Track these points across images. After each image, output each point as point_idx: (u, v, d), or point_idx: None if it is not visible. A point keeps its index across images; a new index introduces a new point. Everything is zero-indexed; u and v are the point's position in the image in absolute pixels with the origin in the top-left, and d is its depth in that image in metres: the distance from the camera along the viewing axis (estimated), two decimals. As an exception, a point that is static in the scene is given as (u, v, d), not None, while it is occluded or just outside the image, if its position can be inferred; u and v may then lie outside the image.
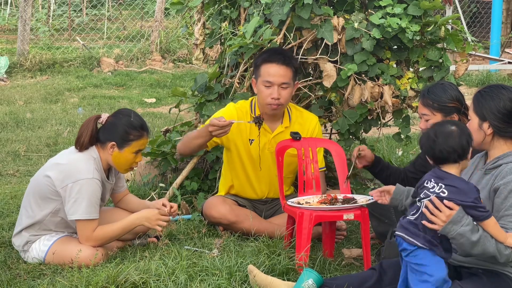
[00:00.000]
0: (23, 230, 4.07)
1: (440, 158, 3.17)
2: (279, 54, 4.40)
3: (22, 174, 6.15)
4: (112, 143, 4.05)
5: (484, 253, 3.10)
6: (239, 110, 4.53)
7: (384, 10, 4.76)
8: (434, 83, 4.13)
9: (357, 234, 4.60)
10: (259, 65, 4.40)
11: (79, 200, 3.94)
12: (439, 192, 3.11)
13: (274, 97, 4.34)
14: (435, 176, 3.17)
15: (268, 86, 4.35)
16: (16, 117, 8.17)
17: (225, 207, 4.48)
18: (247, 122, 4.44)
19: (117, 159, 4.09)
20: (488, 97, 3.33)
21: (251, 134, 4.52)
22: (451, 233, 3.06)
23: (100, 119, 4.11)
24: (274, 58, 4.35)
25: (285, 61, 4.36)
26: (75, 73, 11.29)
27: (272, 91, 4.34)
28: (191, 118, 6.25)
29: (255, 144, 4.51)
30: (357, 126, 5.00)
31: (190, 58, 12.53)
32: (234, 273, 3.61)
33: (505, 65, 11.80)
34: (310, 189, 4.25)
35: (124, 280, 3.51)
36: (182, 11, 5.39)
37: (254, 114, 4.50)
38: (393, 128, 5.73)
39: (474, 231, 3.06)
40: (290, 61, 4.40)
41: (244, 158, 4.52)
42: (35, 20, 14.61)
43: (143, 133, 4.11)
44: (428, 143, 3.19)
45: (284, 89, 4.37)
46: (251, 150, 4.52)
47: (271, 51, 4.46)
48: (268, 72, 4.34)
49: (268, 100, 4.36)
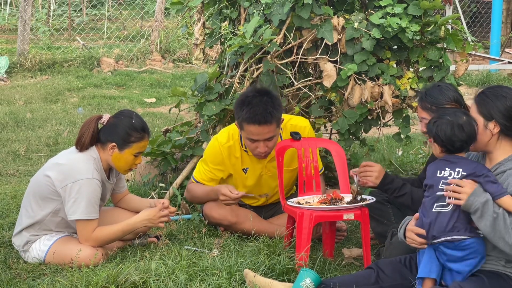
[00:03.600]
0: (23, 230, 4.08)
1: (458, 148, 3.29)
2: (259, 114, 4.14)
3: (22, 174, 6.15)
4: (113, 144, 4.05)
5: (502, 236, 3.14)
6: (223, 148, 4.45)
7: (384, 10, 4.76)
8: (431, 85, 4.10)
9: (357, 234, 4.60)
10: (240, 121, 4.25)
11: (78, 200, 3.94)
12: (459, 176, 3.23)
13: (261, 151, 4.29)
14: (447, 163, 3.28)
15: (253, 141, 4.27)
16: (16, 117, 8.17)
17: (225, 208, 4.47)
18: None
19: (117, 160, 4.09)
20: (493, 97, 3.36)
21: (244, 163, 4.49)
22: (475, 204, 3.14)
23: (101, 120, 4.11)
24: (255, 119, 4.15)
25: (266, 120, 4.15)
26: (75, 73, 11.29)
27: (258, 145, 4.27)
28: (191, 118, 6.25)
29: (250, 172, 4.50)
30: (357, 126, 5.00)
31: (190, 58, 12.53)
32: (234, 273, 3.61)
33: (505, 65, 11.79)
34: (310, 189, 4.25)
35: (124, 280, 3.51)
36: (182, 11, 5.39)
37: (245, 147, 4.43)
38: (393, 128, 5.72)
39: (494, 205, 3.15)
40: (272, 117, 4.17)
41: (240, 187, 4.52)
42: (35, 20, 14.60)
43: (144, 135, 4.11)
44: (447, 134, 3.28)
45: (270, 140, 4.27)
46: (247, 178, 4.52)
47: (251, 111, 4.16)
48: (251, 132, 4.22)
49: (256, 152, 4.32)
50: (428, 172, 3.35)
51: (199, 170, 4.55)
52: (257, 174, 4.50)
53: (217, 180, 4.50)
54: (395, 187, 4.02)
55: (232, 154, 4.46)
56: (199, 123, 5.38)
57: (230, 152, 4.46)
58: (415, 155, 6.56)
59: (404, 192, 4.01)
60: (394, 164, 6.18)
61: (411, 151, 6.72)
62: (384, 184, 4.02)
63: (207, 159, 4.50)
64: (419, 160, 6.37)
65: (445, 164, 3.29)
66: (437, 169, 3.30)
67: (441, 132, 3.30)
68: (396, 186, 4.02)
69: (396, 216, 4.24)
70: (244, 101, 4.24)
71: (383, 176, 4.03)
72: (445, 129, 3.29)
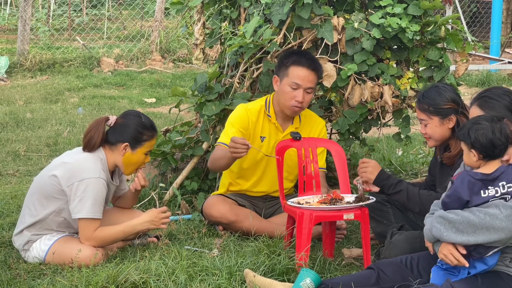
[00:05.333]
0: (25, 229, 4.07)
1: (498, 153, 3.20)
2: (309, 59, 4.42)
3: (22, 174, 6.15)
4: (125, 144, 4.07)
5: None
6: (250, 112, 4.53)
7: (384, 10, 4.76)
8: (429, 86, 4.10)
9: (357, 234, 4.60)
10: (288, 65, 4.39)
11: (84, 199, 3.94)
12: (509, 190, 3.16)
13: (299, 100, 4.37)
14: (487, 182, 3.17)
15: (294, 88, 4.36)
16: (16, 117, 8.17)
17: (224, 206, 4.48)
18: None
19: (128, 160, 4.10)
20: (496, 97, 3.41)
21: (263, 131, 4.55)
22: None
23: (108, 121, 4.12)
24: (305, 62, 4.37)
25: (315, 67, 4.40)
26: (75, 73, 11.29)
27: (297, 94, 4.36)
28: (191, 118, 6.25)
29: (266, 142, 4.55)
30: (357, 126, 5.00)
31: (190, 58, 12.53)
32: (234, 273, 3.61)
33: (505, 65, 11.81)
34: (310, 189, 4.25)
35: (124, 280, 3.51)
36: (182, 11, 5.39)
37: (268, 111, 4.53)
38: (393, 128, 5.73)
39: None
40: (319, 68, 4.46)
41: (254, 154, 4.52)
42: (35, 20, 14.60)
43: (154, 133, 4.16)
44: (488, 138, 3.18)
45: (308, 93, 4.40)
46: (262, 147, 4.54)
47: (301, 54, 4.47)
48: (298, 75, 4.35)
49: (292, 102, 4.38)
50: (464, 191, 3.20)
51: (225, 133, 4.52)
52: (272, 144, 4.52)
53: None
54: (390, 183, 4.01)
55: (256, 119, 4.51)
56: (199, 123, 5.38)
57: (255, 116, 4.51)
58: (415, 155, 6.57)
59: (399, 189, 4.00)
60: (394, 164, 6.18)
61: (411, 151, 6.72)
62: (380, 180, 4.02)
63: (233, 122, 4.51)
64: (419, 160, 6.38)
65: (484, 183, 3.17)
66: (478, 188, 3.17)
67: (482, 137, 3.19)
68: (392, 183, 4.01)
69: (396, 216, 4.24)
70: (292, 51, 4.54)
71: (379, 172, 4.03)
72: (486, 134, 3.19)
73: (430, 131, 3.95)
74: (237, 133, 4.45)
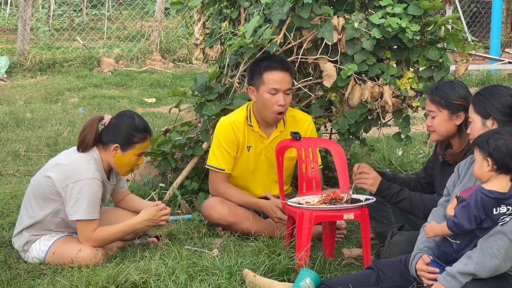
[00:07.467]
0: (24, 230, 4.07)
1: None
2: (280, 60, 4.42)
3: (22, 174, 6.15)
4: (116, 145, 4.05)
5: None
6: (235, 126, 4.51)
7: (384, 10, 4.76)
8: (444, 81, 4.13)
9: (357, 234, 4.60)
10: (261, 73, 4.38)
11: (79, 200, 3.94)
12: None
13: (282, 103, 4.36)
14: (500, 200, 3.12)
15: (273, 93, 4.35)
16: (16, 117, 8.17)
17: (224, 208, 4.47)
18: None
19: (119, 161, 4.09)
20: (488, 95, 3.43)
21: (249, 141, 4.54)
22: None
23: (103, 121, 4.11)
24: (277, 65, 4.37)
25: (288, 67, 4.40)
26: (75, 73, 11.29)
27: (278, 98, 4.36)
28: (191, 118, 6.25)
29: (252, 150, 4.54)
30: (357, 126, 5.00)
31: (190, 58, 12.52)
32: (234, 273, 3.61)
33: (505, 65, 11.80)
34: (310, 189, 4.24)
35: (124, 280, 3.51)
36: (182, 11, 5.39)
37: (250, 121, 4.51)
38: (393, 128, 5.72)
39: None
40: (291, 67, 4.47)
41: (243, 163, 4.54)
42: (35, 20, 14.61)
43: (146, 136, 4.11)
44: (509, 149, 3.10)
45: (287, 95, 4.40)
46: (249, 156, 4.54)
47: (270, 58, 4.45)
48: (274, 79, 4.35)
49: (276, 108, 4.37)
50: (480, 212, 3.12)
51: (214, 156, 4.53)
52: (258, 152, 4.53)
53: (232, 163, 4.52)
54: (392, 193, 4.02)
55: (240, 130, 4.50)
56: (199, 123, 5.38)
57: (240, 130, 4.50)
58: (415, 155, 6.57)
59: (402, 198, 4.00)
60: (394, 164, 6.18)
61: (411, 151, 6.72)
62: (381, 191, 4.03)
63: (220, 140, 4.51)
64: (419, 160, 6.38)
65: (496, 201, 3.11)
66: (490, 205, 3.10)
67: (503, 146, 3.09)
68: (394, 192, 4.02)
69: (396, 216, 4.24)
70: (260, 58, 4.54)
71: (380, 183, 4.03)
72: (507, 144, 3.10)
73: (436, 124, 3.95)
74: (230, 150, 4.48)
